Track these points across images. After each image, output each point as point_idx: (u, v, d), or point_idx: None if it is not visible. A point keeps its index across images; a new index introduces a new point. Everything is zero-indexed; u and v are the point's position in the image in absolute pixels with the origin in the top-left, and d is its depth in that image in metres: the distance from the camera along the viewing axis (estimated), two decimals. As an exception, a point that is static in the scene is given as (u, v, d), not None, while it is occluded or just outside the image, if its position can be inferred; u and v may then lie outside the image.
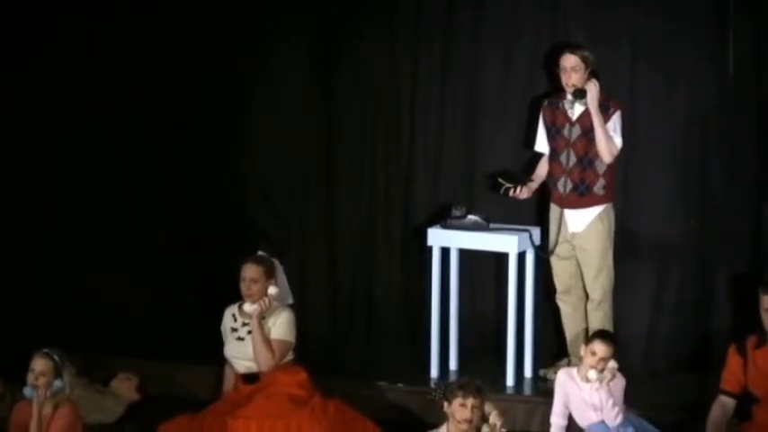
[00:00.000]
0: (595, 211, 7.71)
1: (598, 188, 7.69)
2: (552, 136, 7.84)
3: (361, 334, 8.77)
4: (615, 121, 7.64)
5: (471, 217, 7.91)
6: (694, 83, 7.99)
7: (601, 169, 7.67)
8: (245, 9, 8.72)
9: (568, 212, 7.78)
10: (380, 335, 8.72)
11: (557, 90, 7.87)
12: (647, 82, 8.05)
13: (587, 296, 7.86)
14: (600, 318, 7.73)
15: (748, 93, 7.92)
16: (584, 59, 7.65)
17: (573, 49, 7.70)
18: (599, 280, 7.76)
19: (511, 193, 7.88)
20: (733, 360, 7.03)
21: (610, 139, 7.60)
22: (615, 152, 7.64)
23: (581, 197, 7.73)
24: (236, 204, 8.92)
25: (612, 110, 7.64)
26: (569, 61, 7.68)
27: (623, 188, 8.02)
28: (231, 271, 7.66)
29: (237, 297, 7.49)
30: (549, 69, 8.01)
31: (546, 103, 7.88)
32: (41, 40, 8.97)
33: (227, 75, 8.79)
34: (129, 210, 9.08)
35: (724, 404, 7.02)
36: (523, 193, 7.90)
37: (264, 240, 8.69)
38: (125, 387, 7.95)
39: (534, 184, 7.96)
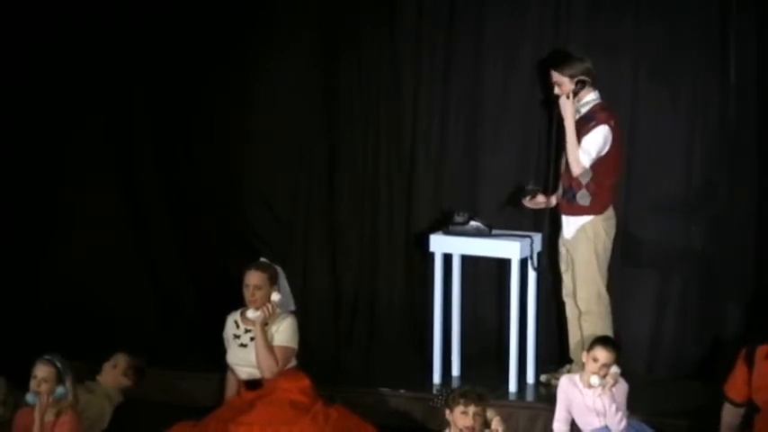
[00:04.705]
0: (580, 221, 7.68)
1: (581, 198, 7.65)
2: None
3: (363, 340, 8.76)
4: (593, 136, 7.53)
5: (474, 223, 7.91)
6: (696, 88, 7.98)
7: (583, 179, 7.63)
8: (245, 9, 8.72)
9: (563, 217, 7.80)
10: (383, 341, 8.71)
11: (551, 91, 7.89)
12: (649, 87, 8.04)
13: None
14: (586, 328, 7.69)
15: (749, 97, 7.91)
16: (570, 75, 7.60)
17: (556, 64, 7.68)
18: (582, 291, 7.72)
19: (528, 199, 7.87)
20: (740, 368, 6.88)
21: (577, 152, 7.53)
22: (580, 168, 7.55)
23: (569, 204, 7.72)
24: (237, 205, 8.91)
25: (594, 123, 7.57)
26: (552, 76, 7.69)
27: (625, 193, 8.01)
28: (231, 270, 7.65)
29: (239, 297, 7.47)
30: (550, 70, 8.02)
31: None
32: (41, 40, 8.96)
33: (228, 75, 8.79)
34: (130, 210, 9.07)
35: (731, 409, 6.95)
36: (544, 201, 7.86)
37: (264, 243, 8.70)
38: (111, 377, 7.59)
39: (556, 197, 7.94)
